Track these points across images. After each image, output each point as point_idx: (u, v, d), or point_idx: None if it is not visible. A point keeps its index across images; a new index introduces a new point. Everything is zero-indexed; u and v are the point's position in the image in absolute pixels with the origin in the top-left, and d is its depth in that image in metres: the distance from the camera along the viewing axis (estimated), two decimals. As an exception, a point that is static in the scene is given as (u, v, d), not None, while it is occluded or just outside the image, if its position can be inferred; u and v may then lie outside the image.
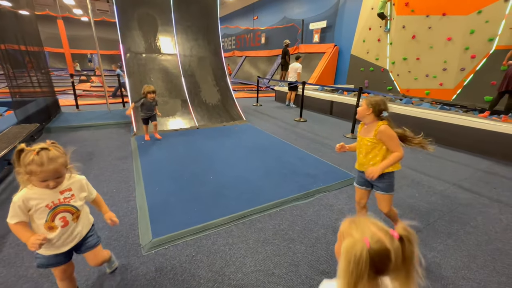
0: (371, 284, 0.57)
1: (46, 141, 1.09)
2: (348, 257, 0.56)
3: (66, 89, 8.94)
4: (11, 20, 3.85)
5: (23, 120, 3.53)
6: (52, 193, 1.10)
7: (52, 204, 1.10)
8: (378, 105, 1.57)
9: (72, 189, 1.18)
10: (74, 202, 1.17)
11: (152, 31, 5.15)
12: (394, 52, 7.33)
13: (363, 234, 0.58)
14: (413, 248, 0.59)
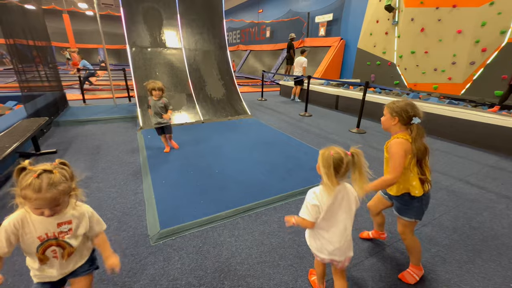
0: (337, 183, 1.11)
1: (56, 160, 0.93)
2: (322, 159, 1.10)
3: (73, 84, 9.04)
4: (19, 15, 3.88)
5: (32, 114, 3.59)
6: (48, 222, 0.93)
7: (45, 237, 0.93)
8: (405, 112, 1.29)
9: (72, 222, 0.98)
10: (69, 239, 0.98)
11: (157, 25, 5.14)
12: (402, 46, 7.19)
13: (330, 150, 1.09)
14: (361, 159, 1.09)
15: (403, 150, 1.26)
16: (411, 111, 1.29)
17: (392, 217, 1.95)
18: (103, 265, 1.11)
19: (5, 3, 3.54)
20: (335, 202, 1.15)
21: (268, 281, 1.47)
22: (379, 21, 7.83)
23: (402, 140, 1.28)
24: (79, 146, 3.49)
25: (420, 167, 1.30)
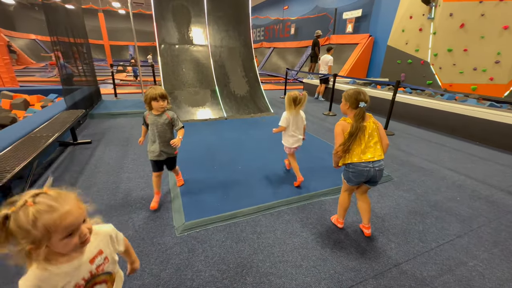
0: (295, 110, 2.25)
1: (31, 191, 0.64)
2: (287, 97, 2.25)
3: (106, 79, 9.59)
4: (62, 14, 4.18)
5: (71, 106, 3.87)
6: (78, 265, 0.72)
7: (83, 282, 0.74)
8: (354, 98, 1.63)
9: (103, 250, 0.80)
10: (108, 268, 0.82)
11: (186, 22, 5.27)
12: (438, 43, 6.72)
13: (291, 92, 2.25)
14: (305, 99, 2.24)
15: (340, 129, 1.66)
16: (359, 97, 1.60)
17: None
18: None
19: (50, 3, 3.83)
20: (294, 118, 2.31)
21: (290, 281, 1.45)
22: (413, 17, 7.37)
23: (342, 122, 1.67)
24: (111, 138, 3.70)
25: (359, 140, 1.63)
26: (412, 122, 4.91)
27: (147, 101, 1.88)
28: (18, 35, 16.72)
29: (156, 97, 1.83)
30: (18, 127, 2.81)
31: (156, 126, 1.92)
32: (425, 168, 2.98)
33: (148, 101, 1.87)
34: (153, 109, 1.90)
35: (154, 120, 1.92)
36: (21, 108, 4.27)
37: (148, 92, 1.85)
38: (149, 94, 1.84)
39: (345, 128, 1.63)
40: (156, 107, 1.87)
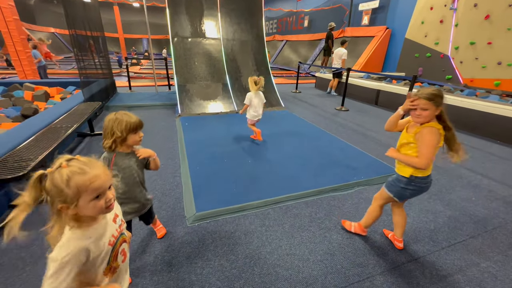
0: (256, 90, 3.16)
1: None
2: (250, 80, 3.14)
3: (121, 71, 9.81)
4: (80, 8, 4.29)
5: (88, 98, 4.01)
6: (107, 223, 0.80)
7: (113, 239, 0.80)
8: (442, 98, 1.29)
9: (118, 214, 0.88)
10: (124, 228, 0.90)
11: (198, 15, 5.28)
12: (460, 36, 6.39)
13: (253, 76, 3.18)
14: (261, 82, 3.10)
15: (437, 140, 1.30)
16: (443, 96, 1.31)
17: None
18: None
19: (69, -3, 3.94)
20: (255, 97, 3.11)
21: (297, 274, 1.48)
22: (434, 8, 7.02)
23: (434, 129, 1.31)
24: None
25: None
26: (428, 119, 4.74)
27: (118, 134, 1.21)
28: (38, 28, 17.31)
29: (136, 127, 1.27)
30: (39, 118, 2.96)
31: (129, 171, 1.32)
32: (440, 166, 2.89)
33: (121, 134, 1.22)
34: (124, 146, 1.29)
35: (127, 163, 1.31)
36: (42, 100, 4.46)
37: (120, 121, 1.22)
38: (124, 124, 1.22)
39: (439, 138, 1.32)
40: (133, 142, 1.30)
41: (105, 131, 1.25)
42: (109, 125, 1.23)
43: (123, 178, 1.28)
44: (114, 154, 1.28)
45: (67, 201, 0.66)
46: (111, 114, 1.26)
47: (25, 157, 1.91)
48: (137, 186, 1.39)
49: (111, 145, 1.25)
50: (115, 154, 1.28)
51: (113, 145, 1.25)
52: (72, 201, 0.67)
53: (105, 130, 1.25)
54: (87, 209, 0.70)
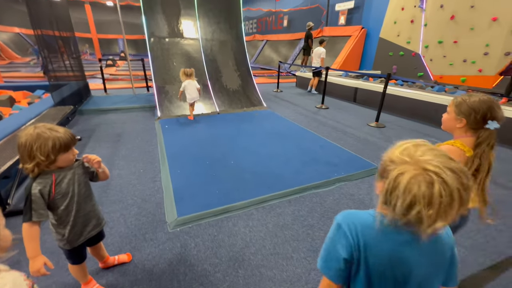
0: (189, 79, 4.01)
1: None
2: (181, 72, 4.03)
3: (95, 73, 9.36)
4: (46, 6, 4.03)
5: (59, 102, 3.78)
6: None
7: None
8: (478, 112, 0.97)
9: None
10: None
11: (175, 15, 5.15)
12: (429, 35, 6.77)
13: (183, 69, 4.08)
14: (191, 72, 4.02)
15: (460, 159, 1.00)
16: (488, 112, 0.96)
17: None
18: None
19: (32, -5, 3.69)
20: (188, 84, 3.91)
21: (281, 273, 1.49)
22: (405, 8, 7.38)
23: (456, 149, 1.00)
24: (101, 134, 3.64)
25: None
26: (403, 114, 4.98)
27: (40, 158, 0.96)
28: (1, 28, 16.07)
29: (68, 144, 1.02)
30: (3, 125, 2.74)
31: (73, 193, 1.10)
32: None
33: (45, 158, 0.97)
34: (56, 165, 1.02)
35: (68, 185, 1.07)
36: (7, 105, 4.16)
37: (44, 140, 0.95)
38: (50, 143, 0.96)
39: (461, 159, 1.00)
40: (67, 162, 1.05)
41: (23, 152, 0.95)
42: (27, 144, 0.94)
43: (64, 209, 1.08)
44: (53, 177, 1.01)
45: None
46: (30, 129, 0.96)
47: (-15, 168, 1.76)
48: (89, 200, 1.20)
49: (33, 169, 0.97)
50: (54, 177, 1.02)
51: (35, 169, 0.97)
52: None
53: (22, 151, 0.95)
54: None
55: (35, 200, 0.97)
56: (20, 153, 0.97)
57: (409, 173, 0.53)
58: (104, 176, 1.26)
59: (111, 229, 1.78)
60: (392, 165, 0.59)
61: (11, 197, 2.05)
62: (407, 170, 0.54)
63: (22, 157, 0.97)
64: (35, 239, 0.98)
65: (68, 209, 1.10)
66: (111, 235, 1.73)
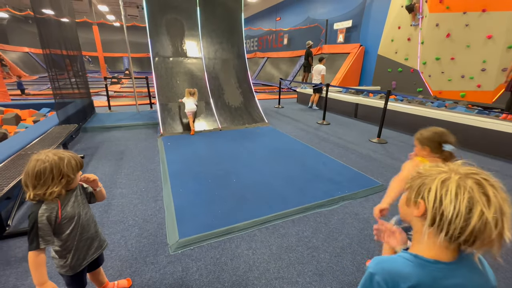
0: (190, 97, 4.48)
1: None
2: (186, 91, 4.50)
3: (100, 91, 9.56)
4: (56, 28, 4.20)
5: (64, 120, 3.83)
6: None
7: None
8: (432, 141, 1.26)
9: None
10: None
11: (179, 35, 5.34)
12: (426, 52, 6.92)
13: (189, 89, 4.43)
14: (195, 92, 4.55)
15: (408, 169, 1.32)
16: (440, 139, 1.25)
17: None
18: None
19: (44, 18, 3.86)
20: (187, 101, 4.39)
21: (287, 299, 1.43)
22: (401, 27, 7.61)
23: (418, 161, 1.29)
24: (104, 152, 3.66)
25: None
26: (404, 130, 4.99)
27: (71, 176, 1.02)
28: (11, 48, 16.67)
29: (82, 163, 1.09)
30: (8, 144, 2.77)
31: (79, 216, 1.10)
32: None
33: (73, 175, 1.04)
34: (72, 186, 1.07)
35: (73, 208, 1.08)
36: (12, 123, 4.22)
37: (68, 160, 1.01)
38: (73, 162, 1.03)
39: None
40: (76, 181, 1.09)
41: (47, 178, 0.96)
42: (55, 167, 0.97)
43: (70, 232, 1.07)
44: (58, 202, 1.02)
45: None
46: (44, 156, 0.99)
47: (-12, 189, 1.75)
48: (91, 222, 1.18)
49: (61, 192, 1.00)
50: (59, 202, 1.02)
51: (62, 191, 1.01)
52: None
53: (46, 177, 0.96)
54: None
55: (42, 227, 0.96)
56: (44, 179, 0.96)
57: (453, 178, 0.51)
58: (101, 196, 1.23)
59: (111, 252, 1.74)
60: (428, 178, 0.56)
61: (11, 218, 2.03)
62: (449, 176, 0.52)
63: (43, 183, 0.97)
64: (42, 266, 0.97)
65: (72, 233, 1.08)
66: (111, 259, 1.69)
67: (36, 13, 3.44)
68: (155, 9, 5.09)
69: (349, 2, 10.39)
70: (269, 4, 16.73)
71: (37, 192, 0.96)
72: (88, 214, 1.17)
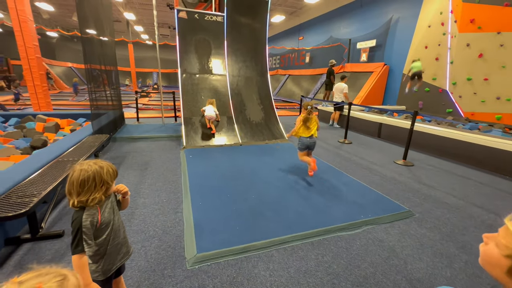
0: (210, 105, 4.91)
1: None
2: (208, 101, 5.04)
3: (130, 103, 10.20)
4: (97, 46, 4.64)
5: (97, 130, 4.12)
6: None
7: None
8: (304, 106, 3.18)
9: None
10: None
11: (206, 54, 5.64)
12: (456, 72, 6.65)
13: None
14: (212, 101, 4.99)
15: (300, 119, 3.16)
16: (305, 105, 3.14)
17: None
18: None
19: (88, 37, 4.29)
20: (208, 107, 4.81)
21: (305, 328, 1.36)
22: (428, 47, 7.43)
23: (301, 116, 3.16)
24: (131, 161, 3.85)
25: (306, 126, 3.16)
26: (433, 153, 4.73)
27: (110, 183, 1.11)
28: (57, 63, 18.55)
29: (115, 172, 1.15)
30: (47, 151, 3.02)
31: (113, 221, 1.16)
32: (449, 204, 2.80)
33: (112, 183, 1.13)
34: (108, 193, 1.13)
35: (109, 214, 1.14)
36: (52, 131, 4.60)
37: (107, 169, 1.10)
38: (111, 171, 1.12)
39: (301, 118, 3.14)
40: (112, 189, 1.15)
41: (90, 185, 1.05)
42: (97, 176, 1.06)
43: (104, 238, 1.11)
44: (98, 208, 1.09)
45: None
46: (84, 164, 1.08)
47: (28, 193, 1.91)
48: (122, 227, 1.23)
49: (101, 199, 1.09)
50: (99, 208, 1.09)
51: (102, 198, 1.09)
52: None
53: (89, 184, 1.05)
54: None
55: (85, 232, 1.03)
56: (88, 186, 1.05)
57: None
58: (126, 204, 1.31)
59: (131, 262, 1.78)
60: None
61: (44, 221, 2.17)
62: None
63: (87, 190, 1.05)
64: (86, 267, 1.04)
65: (107, 238, 1.13)
66: (131, 268, 1.72)
67: (82, 33, 3.83)
68: (186, 30, 5.46)
69: (373, 22, 10.43)
70: (292, 24, 17.25)
71: (81, 199, 1.04)
72: (119, 220, 1.22)
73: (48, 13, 15.99)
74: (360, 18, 11.21)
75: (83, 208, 1.06)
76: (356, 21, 11.51)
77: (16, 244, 1.94)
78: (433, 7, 7.35)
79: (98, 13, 4.64)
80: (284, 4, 14.23)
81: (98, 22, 4.70)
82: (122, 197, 1.25)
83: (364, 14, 11.01)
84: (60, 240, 2.00)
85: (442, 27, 6.97)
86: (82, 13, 3.86)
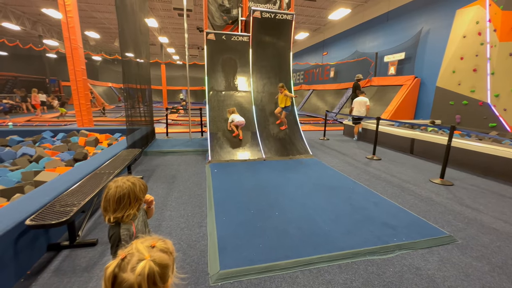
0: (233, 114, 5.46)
1: None
2: (228, 112, 5.74)
3: (160, 119, 10.85)
4: (135, 67, 5.08)
5: (130, 145, 4.41)
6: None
7: None
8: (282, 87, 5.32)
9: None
10: None
11: (232, 72, 5.88)
12: (498, 83, 6.13)
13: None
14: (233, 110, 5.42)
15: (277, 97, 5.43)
16: (279, 86, 5.43)
17: None
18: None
19: (127, 60, 4.72)
20: (234, 115, 5.20)
21: None
22: (464, 58, 6.98)
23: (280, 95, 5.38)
24: (159, 174, 4.03)
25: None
26: (476, 171, 4.30)
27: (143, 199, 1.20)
28: (99, 83, 20.60)
29: (146, 187, 1.22)
30: (87, 163, 3.29)
31: (145, 233, 1.25)
32: (499, 229, 2.49)
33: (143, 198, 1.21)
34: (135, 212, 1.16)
35: (141, 226, 1.23)
36: (92, 145, 5.02)
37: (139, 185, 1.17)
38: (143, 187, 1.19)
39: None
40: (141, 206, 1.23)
41: (126, 202, 1.11)
42: (131, 192, 1.12)
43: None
44: (132, 223, 1.15)
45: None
46: (118, 182, 1.13)
47: (70, 202, 2.07)
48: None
49: (135, 213, 1.15)
50: (132, 222, 1.16)
51: (136, 212, 1.16)
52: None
53: (125, 202, 1.11)
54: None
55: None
56: (123, 203, 1.10)
57: None
58: (151, 213, 1.38)
59: (157, 274, 1.82)
60: None
61: (81, 229, 2.32)
62: None
63: (123, 207, 1.10)
64: None
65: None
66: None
67: (122, 56, 4.24)
68: (214, 50, 5.77)
69: (401, 35, 10.15)
70: (316, 41, 17.43)
71: (117, 215, 1.10)
72: (147, 230, 1.29)
73: (95, 40, 18.05)
74: (387, 31, 11.00)
75: (119, 224, 1.11)
76: (382, 34, 11.31)
77: (56, 250, 2.09)
78: (468, 17, 6.98)
79: (137, 38, 5.12)
80: (308, 22, 14.50)
81: (137, 46, 5.17)
82: (148, 206, 1.33)
83: (390, 28, 10.79)
84: (93, 249, 2.12)
85: (479, 37, 6.56)
86: (123, 39, 4.29)
